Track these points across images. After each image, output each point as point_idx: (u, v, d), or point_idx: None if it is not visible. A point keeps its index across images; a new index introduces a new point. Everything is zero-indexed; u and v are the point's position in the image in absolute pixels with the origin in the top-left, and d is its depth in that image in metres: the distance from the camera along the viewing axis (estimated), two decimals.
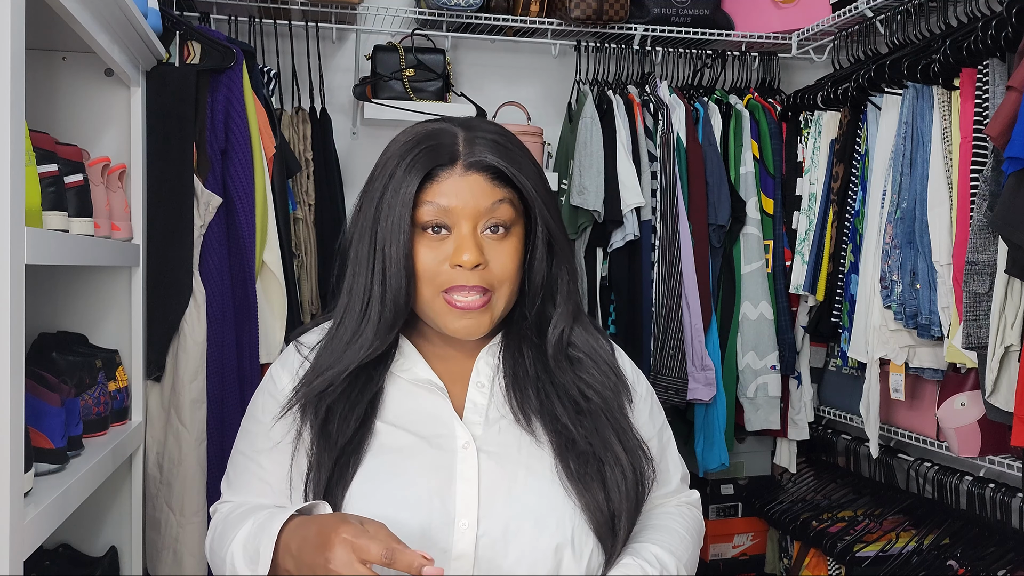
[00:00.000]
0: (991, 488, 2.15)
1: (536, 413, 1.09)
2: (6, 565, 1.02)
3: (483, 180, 1.06)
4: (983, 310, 1.79)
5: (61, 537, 1.76)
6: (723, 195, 2.59)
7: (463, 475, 1.04)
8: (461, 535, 1.01)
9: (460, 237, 1.05)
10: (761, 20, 2.80)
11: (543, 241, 1.10)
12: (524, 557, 1.02)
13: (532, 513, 1.03)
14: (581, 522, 1.04)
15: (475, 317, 1.06)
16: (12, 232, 1.02)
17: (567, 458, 1.06)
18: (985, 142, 1.85)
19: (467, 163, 1.06)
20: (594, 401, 1.10)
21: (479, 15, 2.63)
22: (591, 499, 1.04)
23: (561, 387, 1.11)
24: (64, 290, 1.82)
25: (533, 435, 1.08)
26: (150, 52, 1.84)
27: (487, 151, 1.06)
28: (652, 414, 1.21)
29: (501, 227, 1.07)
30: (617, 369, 1.16)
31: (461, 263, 1.03)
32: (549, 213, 1.10)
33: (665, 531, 1.14)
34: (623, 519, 1.06)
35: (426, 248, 1.06)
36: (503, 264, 1.06)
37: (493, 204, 1.06)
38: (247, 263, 2.01)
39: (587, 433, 1.07)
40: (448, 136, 1.08)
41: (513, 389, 1.11)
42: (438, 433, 1.08)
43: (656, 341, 2.53)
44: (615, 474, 1.06)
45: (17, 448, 1.05)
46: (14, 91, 1.02)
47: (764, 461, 2.92)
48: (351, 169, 2.69)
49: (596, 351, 1.15)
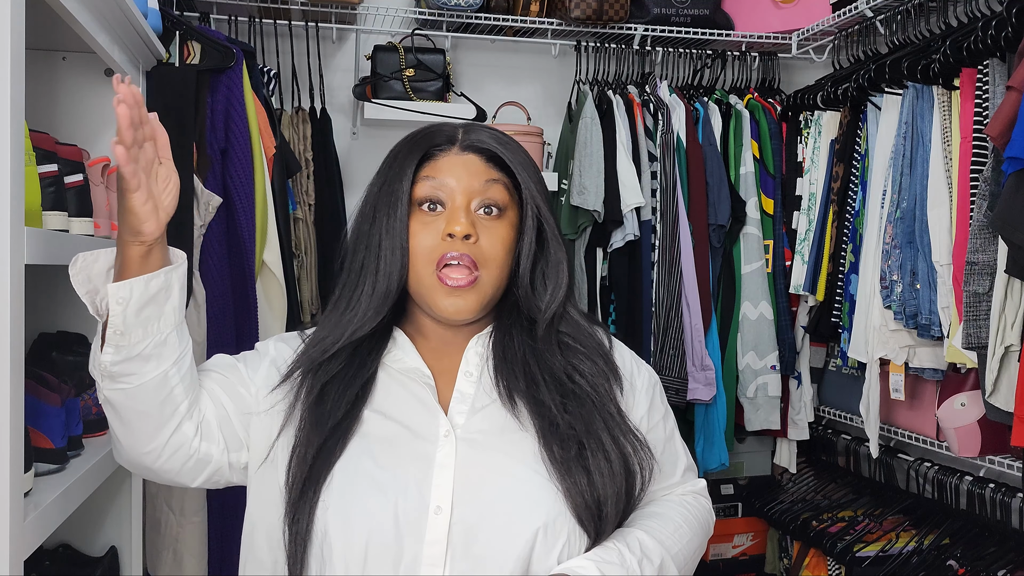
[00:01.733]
0: (991, 488, 2.15)
1: (522, 395, 1.11)
2: (6, 565, 1.02)
3: (478, 160, 1.13)
4: (983, 310, 1.79)
5: (61, 537, 1.76)
6: (723, 195, 2.59)
7: (440, 463, 1.06)
8: (434, 521, 1.03)
9: (453, 210, 1.10)
10: (761, 20, 2.81)
11: (533, 227, 1.14)
12: (496, 542, 1.03)
13: (508, 499, 1.05)
14: (561, 507, 1.05)
15: (463, 296, 1.09)
16: (12, 232, 1.02)
17: (550, 442, 1.07)
18: (985, 142, 1.85)
19: (463, 145, 1.14)
20: (581, 386, 1.12)
21: (479, 15, 2.63)
22: (572, 483, 1.05)
23: (548, 370, 1.12)
24: (64, 290, 1.81)
25: (517, 419, 1.10)
26: (150, 52, 1.84)
27: (484, 136, 1.14)
28: (653, 405, 1.21)
29: (494, 207, 1.12)
30: (608, 358, 1.18)
31: (453, 232, 1.08)
32: (541, 200, 1.14)
33: (659, 519, 1.14)
34: (610, 504, 1.06)
35: (420, 224, 1.10)
36: (492, 244, 1.10)
37: (486, 183, 1.12)
38: (247, 263, 2.01)
39: (572, 418, 1.09)
40: (448, 127, 1.17)
41: (501, 371, 1.13)
42: (422, 423, 1.10)
43: (656, 341, 2.53)
44: (598, 459, 1.07)
45: (17, 448, 1.05)
46: (14, 91, 1.02)
47: (764, 461, 2.92)
48: (351, 169, 2.69)
49: (587, 338, 1.17)
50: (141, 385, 1.01)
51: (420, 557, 1.02)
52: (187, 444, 1.07)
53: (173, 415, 1.05)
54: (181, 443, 1.07)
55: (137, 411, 1.03)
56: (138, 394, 1.02)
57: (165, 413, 1.04)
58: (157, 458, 1.07)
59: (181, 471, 1.09)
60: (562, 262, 1.16)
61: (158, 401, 1.03)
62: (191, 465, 1.09)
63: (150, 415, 1.04)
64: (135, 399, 1.02)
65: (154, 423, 1.04)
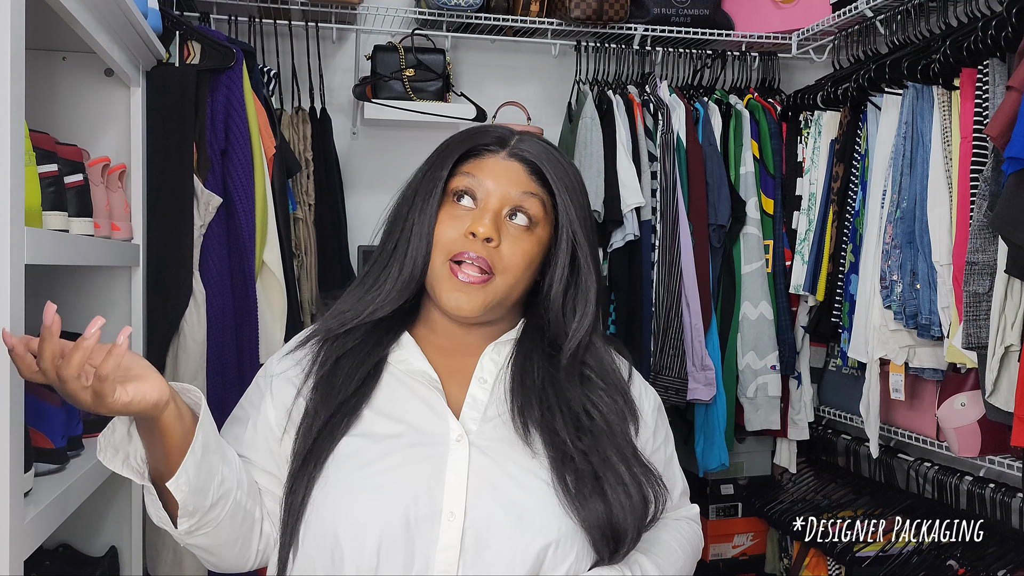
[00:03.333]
0: (991, 488, 2.15)
1: (536, 424, 1.08)
2: (6, 565, 1.02)
3: (522, 170, 1.11)
4: (983, 310, 1.79)
5: (61, 537, 1.76)
6: (723, 195, 2.59)
7: (453, 466, 1.05)
8: (447, 526, 1.02)
9: (483, 211, 1.09)
10: (761, 20, 2.81)
11: (567, 251, 1.12)
12: (505, 551, 1.02)
13: (518, 508, 1.04)
14: (574, 526, 1.04)
15: (469, 292, 1.08)
16: (12, 232, 1.02)
17: (563, 472, 1.06)
18: (985, 142, 1.85)
19: (512, 151, 1.12)
20: (597, 422, 1.10)
21: (479, 15, 2.63)
22: (588, 513, 1.04)
23: (565, 402, 1.10)
24: (64, 290, 1.82)
25: (529, 447, 1.08)
26: (150, 52, 1.84)
27: (535, 148, 1.12)
28: (656, 429, 1.21)
29: (526, 218, 1.10)
30: (628, 396, 1.16)
31: (475, 232, 1.07)
32: (579, 225, 1.12)
33: (657, 544, 1.15)
34: (630, 533, 1.06)
35: (448, 215, 1.10)
36: (513, 253, 1.09)
37: (523, 194, 1.10)
38: (247, 263, 2.01)
39: (586, 450, 1.07)
40: (504, 131, 1.15)
41: (517, 395, 1.11)
42: (430, 425, 1.09)
43: (656, 341, 2.53)
44: (617, 492, 1.05)
45: (17, 448, 1.05)
46: (14, 91, 1.02)
47: (764, 461, 2.92)
48: (351, 169, 2.69)
49: (609, 374, 1.15)
50: (220, 523, 1.04)
51: (432, 562, 1.01)
52: (269, 537, 1.11)
53: (253, 525, 1.09)
54: (267, 542, 1.11)
55: (222, 543, 1.06)
56: (219, 532, 1.05)
57: (245, 528, 1.08)
58: (257, 562, 1.12)
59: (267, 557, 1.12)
60: (592, 291, 1.13)
61: (237, 523, 1.06)
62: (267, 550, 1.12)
63: (236, 539, 1.07)
64: (218, 536, 1.05)
65: (243, 542, 1.08)
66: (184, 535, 1.03)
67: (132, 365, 0.94)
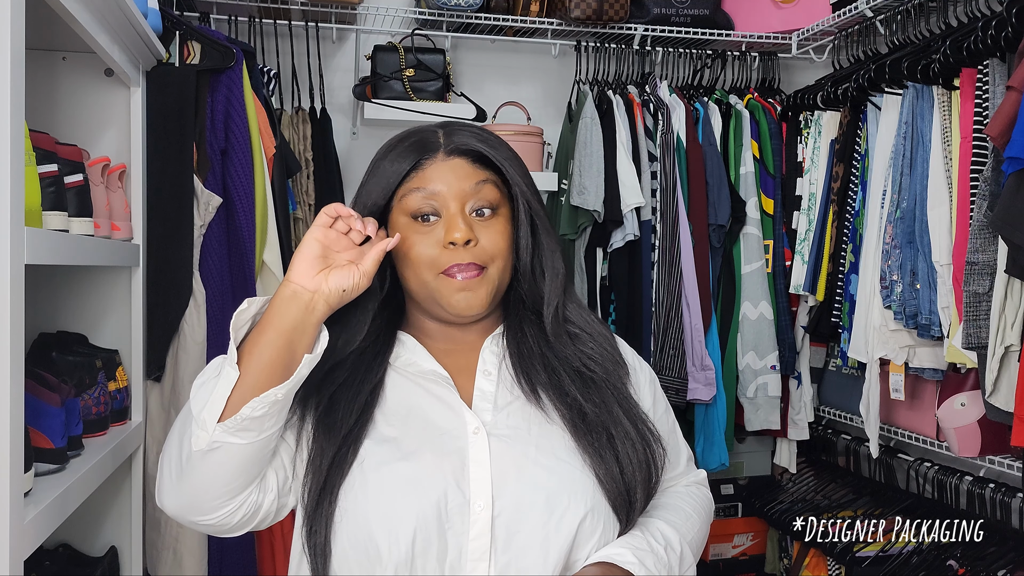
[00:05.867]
0: (991, 488, 2.15)
1: (545, 387, 1.13)
2: (6, 565, 1.02)
3: (465, 163, 1.13)
4: (983, 310, 1.79)
5: (61, 537, 1.76)
6: (723, 195, 2.59)
7: (475, 459, 1.06)
8: (477, 516, 1.04)
9: (449, 217, 1.10)
10: (761, 20, 2.81)
11: (527, 220, 1.15)
12: (537, 534, 1.04)
13: (544, 489, 1.06)
14: (597, 494, 1.07)
15: (473, 288, 1.10)
16: (12, 232, 1.02)
17: (579, 431, 1.10)
18: (985, 142, 1.85)
19: (448, 149, 1.13)
20: (597, 373, 1.15)
21: (479, 15, 2.63)
22: (606, 471, 1.08)
23: (565, 360, 1.15)
24: (64, 290, 1.82)
25: (543, 411, 1.11)
26: (150, 52, 1.84)
27: (466, 137, 1.14)
28: (656, 398, 1.24)
29: (487, 208, 1.12)
30: (612, 342, 1.20)
31: (454, 240, 1.08)
32: (529, 193, 1.15)
33: (672, 510, 1.18)
34: (639, 491, 1.09)
35: (418, 236, 1.11)
36: (493, 241, 1.11)
37: (477, 184, 1.12)
38: (247, 263, 2.01)
39: (595, 406, 1.11)
40: (428, 132, 1.15)
41: (520, 367, 1.14)
42: (447, 421, 1.10)
43: (656, 341, 2.53)
44: (626, 447, 1.09)
45: (17, 448, 1.05)
46: (14, 91, 1.02)
47: (764, 461, 2.93)
48: (351, 169, 2.68)
49: (591, 325, 1.19)
50: (257, 440, 0.99)
51: (465, 552, 1.03)
52: (248, 502, 1.05)
53: (255, 477, 1.04)
54: (248, 503, 1.05)
55: (233, 469, 1.01)
56: (248, 450, 0.99)
57: (252, 473, 1.03)
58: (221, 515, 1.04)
59: (233, 526, 1.06)
60: (556, 250, 1.17)
61: (258, 460, 1.02)
62: (242, 520, 1.06)
63: (240, 473, 1.02)
64: (242, 455, 1.00)
65: (240, 482, 1.02)
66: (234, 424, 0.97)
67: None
